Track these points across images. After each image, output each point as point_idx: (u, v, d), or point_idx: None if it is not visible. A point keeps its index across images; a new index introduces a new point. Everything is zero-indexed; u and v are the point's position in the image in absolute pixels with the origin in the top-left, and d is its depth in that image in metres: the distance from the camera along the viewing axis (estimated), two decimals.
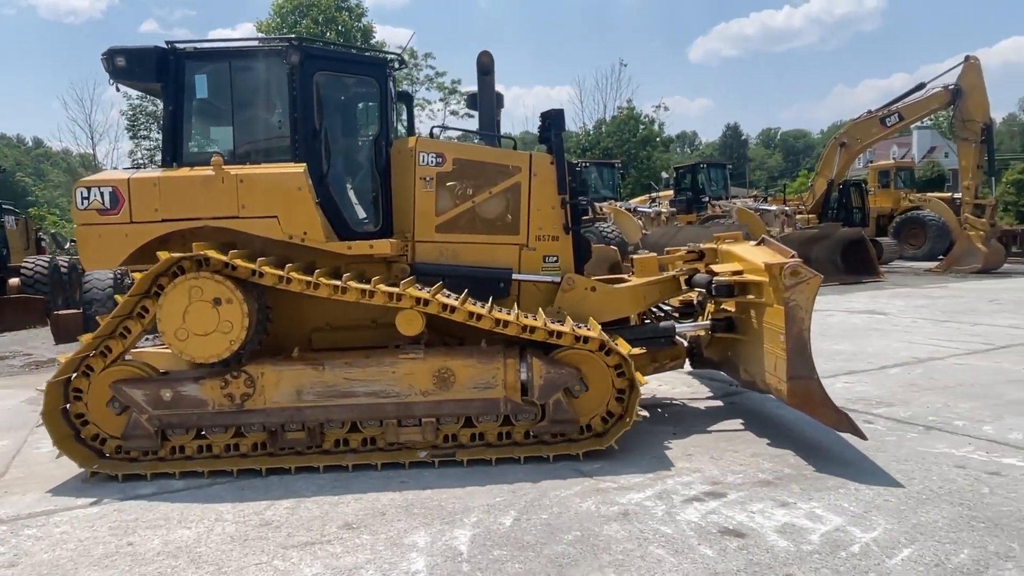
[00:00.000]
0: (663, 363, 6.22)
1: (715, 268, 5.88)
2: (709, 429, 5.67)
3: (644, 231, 21.35)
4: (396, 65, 6.07)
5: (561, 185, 5.81)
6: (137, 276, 4.93)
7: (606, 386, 5.06)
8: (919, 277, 18.06)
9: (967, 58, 18.50)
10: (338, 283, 4.89)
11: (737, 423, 5.82)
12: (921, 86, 19.32)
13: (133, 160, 32.25)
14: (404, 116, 7.02)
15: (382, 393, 5.03)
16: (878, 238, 21.85)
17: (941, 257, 20.98)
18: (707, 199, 23.10)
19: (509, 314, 5.05)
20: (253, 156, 5.61)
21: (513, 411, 5.07)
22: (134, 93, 36.04)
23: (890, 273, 18.71)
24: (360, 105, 6.44)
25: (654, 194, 28.74)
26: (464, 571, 3.46)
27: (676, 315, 6.60)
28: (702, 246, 6.40)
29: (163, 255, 4.86)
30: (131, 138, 33.29)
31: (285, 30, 30.36)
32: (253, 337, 4.97)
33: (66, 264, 16.74)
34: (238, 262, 4.84)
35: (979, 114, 18.25)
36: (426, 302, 4.92)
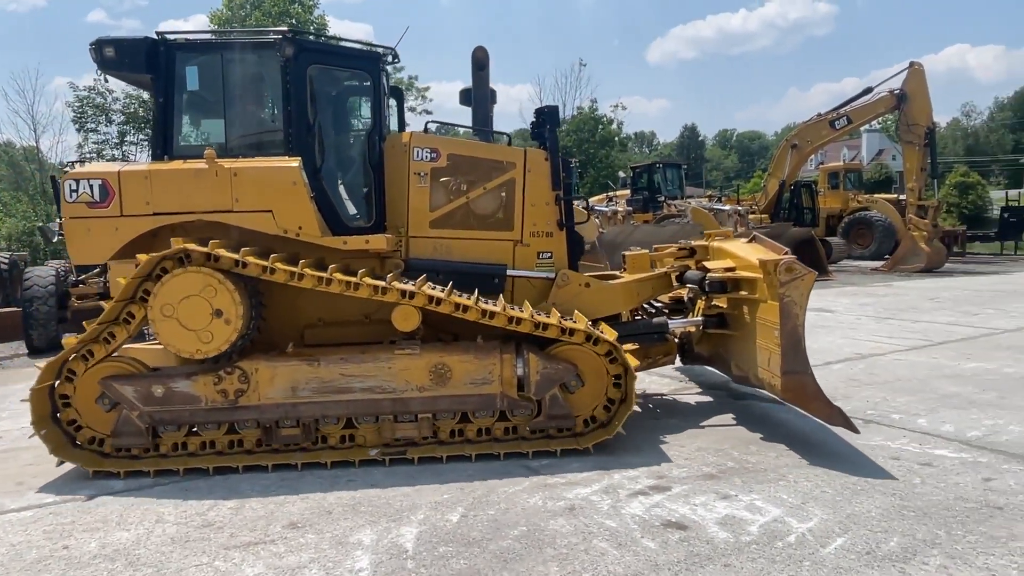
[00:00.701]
0: (655, 359, 6.30)
1: (708, 264, 5.92)
2: (656, 424, 5.76)
3: (601, 230, 21.51)
4: (389, 59, 6.00)
5: (555, 181, 5.82)
6: (119, 279, 4.88)
7: (601, 378, 5.09)
8: (866, 276, 18.60)
9: (912, 64, 19.08)
10: (323, 275, 4.86)
11: (683, 418, 5.92)
12: (869, 90, 19.88)
13: (80, 154, 31.26)
14: (394, 111, 6.91)
15: (378, 389, 5.00)
16: (827, 238, 22.41)
17: (887, 256, 21.62)
18: (663, 199, 23.37)
19: (495, 305, 5.06)
20: (245, 149, 5.52)
21: (510, 406, 5.06)
22: (81, 84, 35.02)
23: (839, 272, 19.23)
24: (353, 99, 6.36)
25: (611, 193, 29.00)
26: (409, 568, 3.46)
27: (667, 311, 6.67)
28: (693, 243, 6.41)
29: (142, 257, 4.74)
30: (78, 131, 32.25)
31: (236, 24, 29.80)
32: (246, 333, 4.96)
33: (6, 260, 16.16)
34: (221, 252, 4.76)
35: (923, 118, 18.85)
36: (412, 295, 4.89)
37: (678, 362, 6.73)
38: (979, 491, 4.13)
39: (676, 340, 6.43)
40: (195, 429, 5.04)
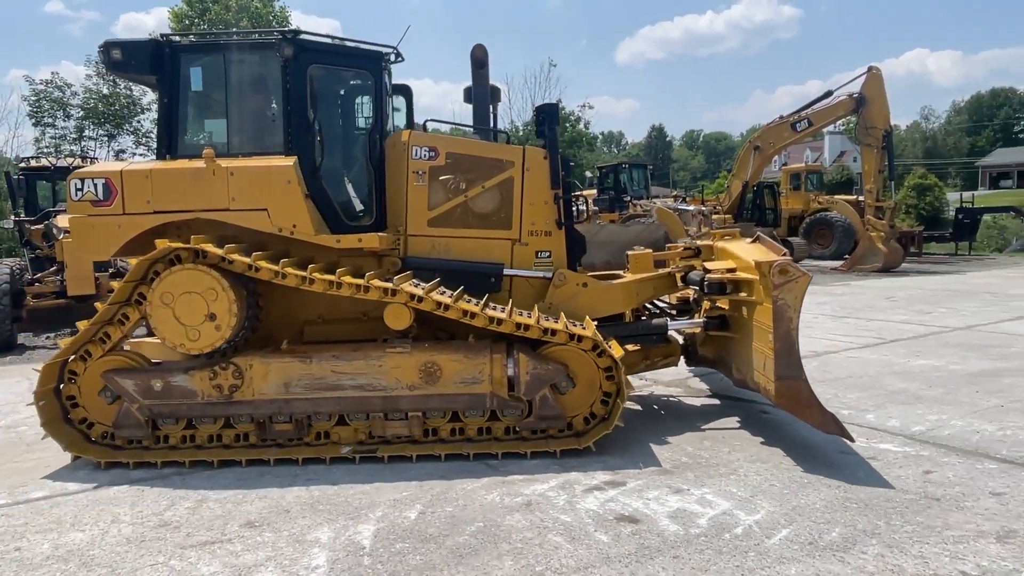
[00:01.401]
0: (655, 361, 6.22)
1: (708, 265, 5.84)
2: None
3: None
4: (392, 58, 6.00)
5: (554, 180, 5.74)
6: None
7: (594, 384, 5.07)
8: (825, 275, 18.99)
9: (870, 68, 19.54)
10: (304, 273, 4.89)
11: (642, 415, 6.03)
12: (829, 94, 20.28)
13: (38, 148, 30.51)
14: (403, 109, 6.82)
15: (369, 386, 5.04)
16: (789, 238, 22.83)
17: (846, 256, 22.11)
18: (629, 198, 23.61)
19: (476, 305, 5.04)
20: (247, 149, 5.58)
21: (500, 406, 5.06)
22: (38, 78, 34.16)
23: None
24: (355, 98, 6.33)
25: (577, 193, 29.17)
26: (365, 564, 3.50)
27: (672, 312, 6.59)
28: (698, 243, 6.33)
29: (161, 243, 4.96)
30: (35, 125, 31.47)
31: (194, 17, 29.41)
32: (235, 338, 5.05)
33: None
34: (208, 248, 4.90)
35: (880, 121, 19.31)
36: (393, 292, 4.91)
37: (683, 365, 6.61)
38: (919, 483, 4.30)
39: (680, 342, 6.37)
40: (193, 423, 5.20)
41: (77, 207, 5.22)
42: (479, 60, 6.07)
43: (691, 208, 21.78)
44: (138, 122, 33.37)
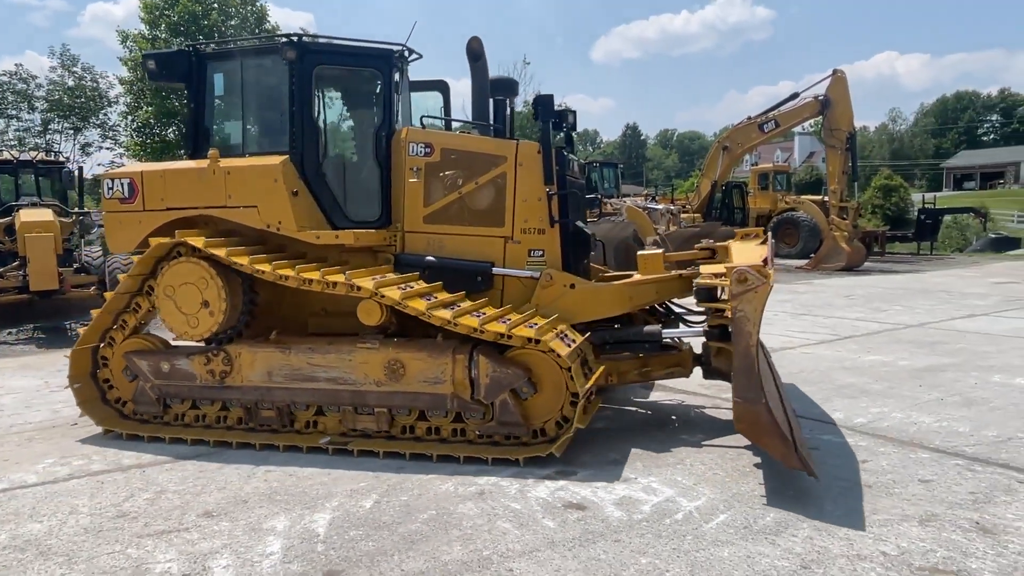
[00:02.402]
0: (654, 370, 5.79)
1: (702, 268, 5.49)
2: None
3: None
4: (407, 55, 6.05)
5: (547, 176, 5.44)
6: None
7: (561, 388, 4.87)
8: (790, 274, 19.39)
9: (835, 71, 19.95)
10: (282, 272, 5.13)
11: (603, 414, 6.20)
12: (795, 96, 20.64)
13: (2, 140, 29.99)
14: (439, 105, 6.84)
15: (340, 380, 5.18)
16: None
17: (811, 255, 22.57)
18: (599, 197, 23.85)
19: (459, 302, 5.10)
20: (258, 149, 5.92)
21: (461, 408, 5.01)
22: (1, 68, 33.51)
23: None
24: (364, 96, 6.37)
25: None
26: (319, 551, 3.61)
27: (685, 319, 6.14)
28: (716, 244, 6.07)
29: (154, 241, 5.51)
30: None
31: (164, 8, 29.12)
32: (234, 324, 5.45)
33: None
34: (191, 240, 5.32)
35: (844, 123, 19.73)
36: (358, 288, 4.98)
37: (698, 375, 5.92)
38: (853, 472, 4.52)
39: (691, 352, 5.85)
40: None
41: (108, 204, 5.92)
42: (475, 52, 5.87)
43: (660, 207, 22.08)
44: (105, 115, 32.91)
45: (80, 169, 15.26)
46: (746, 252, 5.36)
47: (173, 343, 5.80)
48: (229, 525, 3.95)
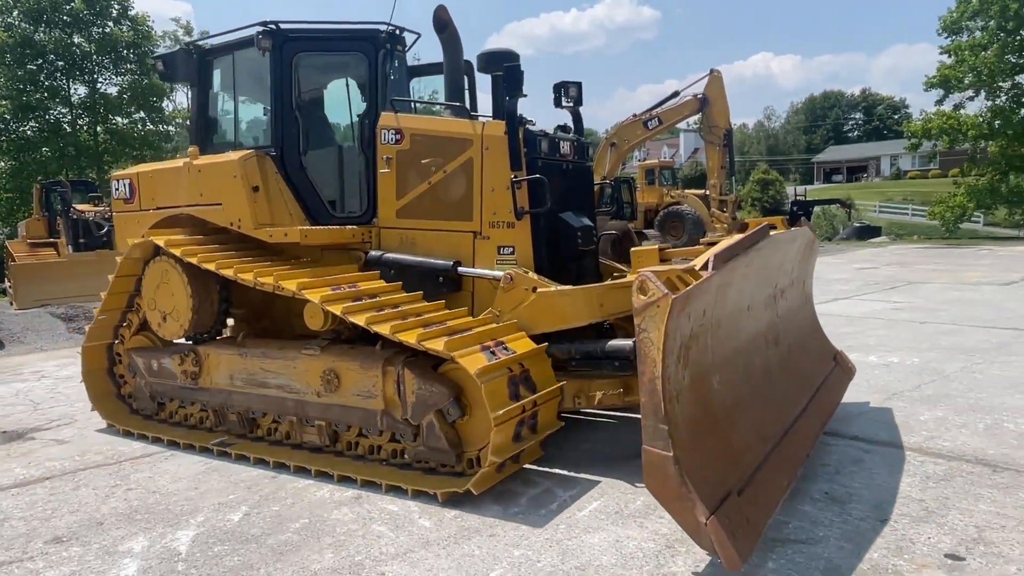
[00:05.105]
0: (635, 394, 4.22)
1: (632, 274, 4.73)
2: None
3: None
4: (399, 35, 5.64)
5: (514, 160, 4.78)
6: None
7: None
8: None
9: (712, 71, 20.93)
10: (247, 274, 4.87)
11: None
12: (676, 94, 21.52)
13: None
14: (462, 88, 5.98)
15: (286, 388, 4.91)
16: (645, 230, 24.08)
17: None
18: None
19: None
20: (256, 144, 5.70)
21: (391, 428, 4.45)
22: None
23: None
24: (352, 83, 5.96)
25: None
26: (179, 570, 3.42)
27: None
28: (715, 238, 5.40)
29: (130, 241, 5.55)
30: None
31: None
32: (211, 325, 5.38)
33: None
34: (154, 238, 5.33)
35: (721, 120, 20.74)
36: (281, 288, 4.65)
37: None
38: None
39: None
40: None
41: (116, 205, 6.16)
42: (440, 22, 5.23)
43: None
44: None
45: None
46: (695, 252, 4.54)
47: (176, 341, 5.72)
48: (80, 550, 3.67)
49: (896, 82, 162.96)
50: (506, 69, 4.71)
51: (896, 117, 75.46)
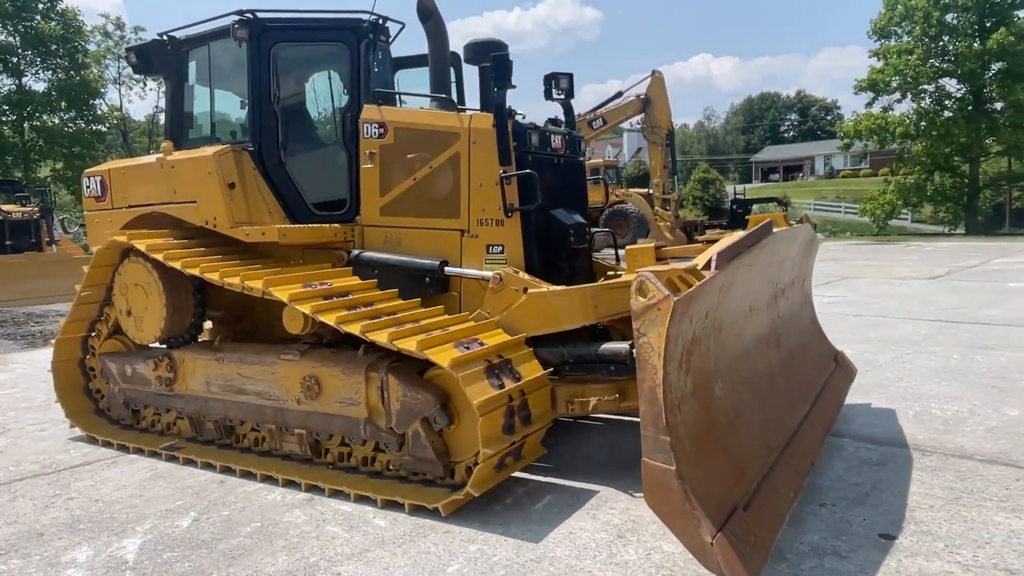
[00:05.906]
0: (633, 400, 3.98)
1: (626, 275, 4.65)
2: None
3: None
4: (382, 25, 5.43)
5: (503, 155, 4.58)
6: None
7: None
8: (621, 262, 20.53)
9: (654, 72, 21.35)
10: (219, 274, 4.65)
11: None
12: (619, 94, 21.90)
13: None
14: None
15: (265, 395, 4.71)
16: (592, 228, 24.38)
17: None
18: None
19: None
20: (225, 138, 5.54)
21: (374, 437, 4.26)
22: None
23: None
24: (332, 75, 5.74)
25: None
26: None
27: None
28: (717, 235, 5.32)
29: (96, 248, 5.36)
30: None
31: None
32: (187, 329, 5.19)
33: None
34: (120, 239, 5.10)
35: (663, 120, 21.19)
36: (251, 288, 4.44)
37: None
38: None
39: None
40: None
41: (87, 203, 5.87)
42: (424, 10, 5.04)
43: None
44: None
45: None
46: (694, 250, 4.50)
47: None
48: (20, 563, 3.55)
49: (829, 83, 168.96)
50: (494, 59, 4.52)
51: (829, 118, 78.32)
